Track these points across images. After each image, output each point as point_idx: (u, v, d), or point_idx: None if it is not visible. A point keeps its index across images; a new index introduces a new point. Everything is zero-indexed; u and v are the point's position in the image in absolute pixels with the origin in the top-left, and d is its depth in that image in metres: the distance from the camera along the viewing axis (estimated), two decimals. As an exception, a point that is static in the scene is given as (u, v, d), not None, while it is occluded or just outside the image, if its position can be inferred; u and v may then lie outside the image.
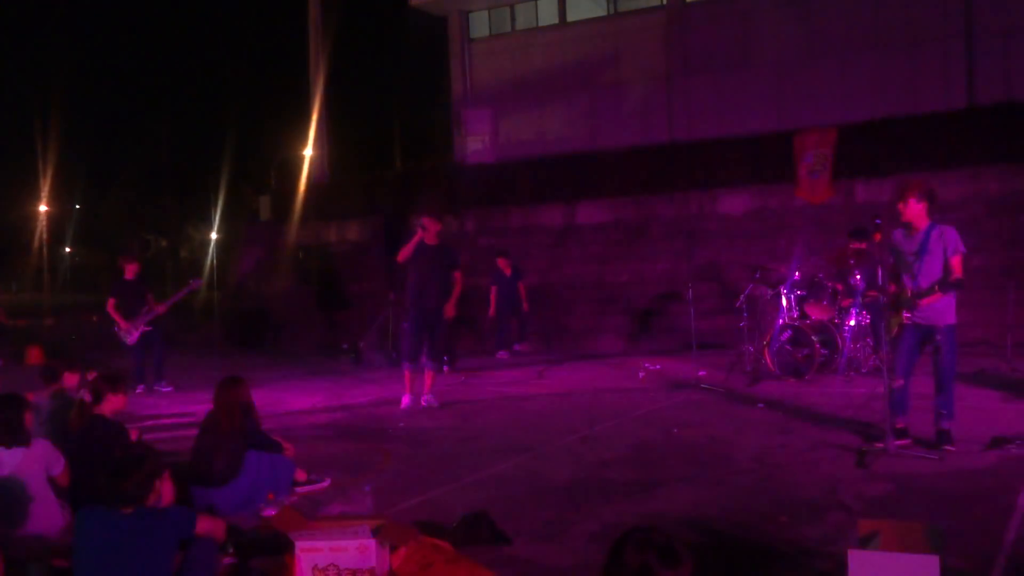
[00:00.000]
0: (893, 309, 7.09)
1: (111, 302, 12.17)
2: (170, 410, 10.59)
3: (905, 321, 6.97)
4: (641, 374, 11.62)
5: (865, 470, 6.47)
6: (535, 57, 23.89)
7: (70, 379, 7.33)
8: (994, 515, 5.31)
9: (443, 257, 9.86)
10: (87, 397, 6.32)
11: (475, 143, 23.52)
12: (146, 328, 12.06)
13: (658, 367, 11.92)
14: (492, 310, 15.09)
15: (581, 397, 10.35)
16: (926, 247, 6.93)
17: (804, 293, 11.24)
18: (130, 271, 12.31)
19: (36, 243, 52.78)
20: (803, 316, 11.14)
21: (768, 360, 11.16)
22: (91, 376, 6.85)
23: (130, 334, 12.00)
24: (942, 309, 6.92)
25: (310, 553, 4.59)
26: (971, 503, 5.61)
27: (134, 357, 12.25)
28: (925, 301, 6.84)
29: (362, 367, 14.11)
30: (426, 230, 9.72)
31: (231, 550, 4.90)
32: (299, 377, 13.22)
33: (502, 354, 14.76)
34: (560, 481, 6.57)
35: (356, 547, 4.56)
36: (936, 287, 6.77)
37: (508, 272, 15.17)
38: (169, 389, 12.09)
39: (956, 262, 6.88)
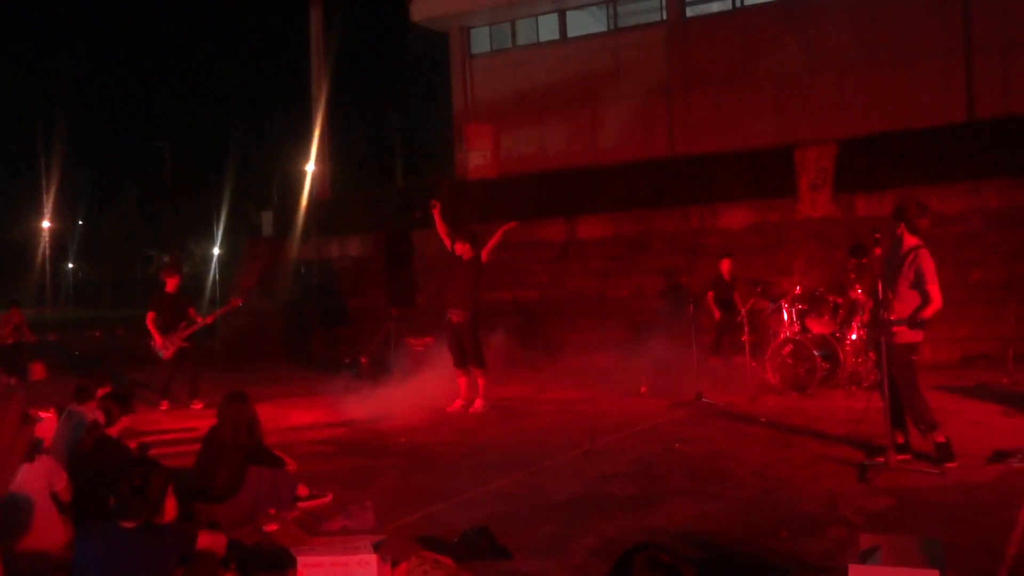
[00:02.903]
0: (872, 329, 7.13)
1: (150, 315, 12.05)
2: (173, 425, 10.59)
3: (881, 340, 6.98)
4: (642, 389, 11.61)
5: (866, 484, 6.48)
6: (536, 73, 23.98)
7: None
8: (995, 529, 5.31)
9: (471, 268, 10.64)
10: (100, 417, 6.35)
11: (476, 158, 23.58)
12: (183, 344, 12.00)
13: (659, 381, 11.91)
14: (717, 314, 13.87)
15: (582, 412, 10.35)
16: (901, 269, 6.98)
17: (805, 307, 11.26)
18: (171, 284, 12.23)
19: (39, 259, 52.91)
20: (804, 330, 11.15)
21: (770, 374, 11.16)
22: (101, 394, 6.88)
23: (166, 348, 11.96)
24: (895, 330, 6.94)
25: (312, 568, 4.60)
26: (972, 517, 5.61)
27: (166, 372, 12.20)
28: (895, 328, 6.88)
29: (364, 382, 14.10)
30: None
31: (232, 565, 4.91)
32: (300, 392, 13.21)
33: (715, 360, 13.33)
34: (561, 496, 6.57)
35: (357, 562, 4.57)
36: (908, 318, 6.84)
37: (728, 277, 14.04)
38: (200, 406, 11.77)
39: (934, 291, 6.87)
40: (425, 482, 7.25)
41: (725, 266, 14.08)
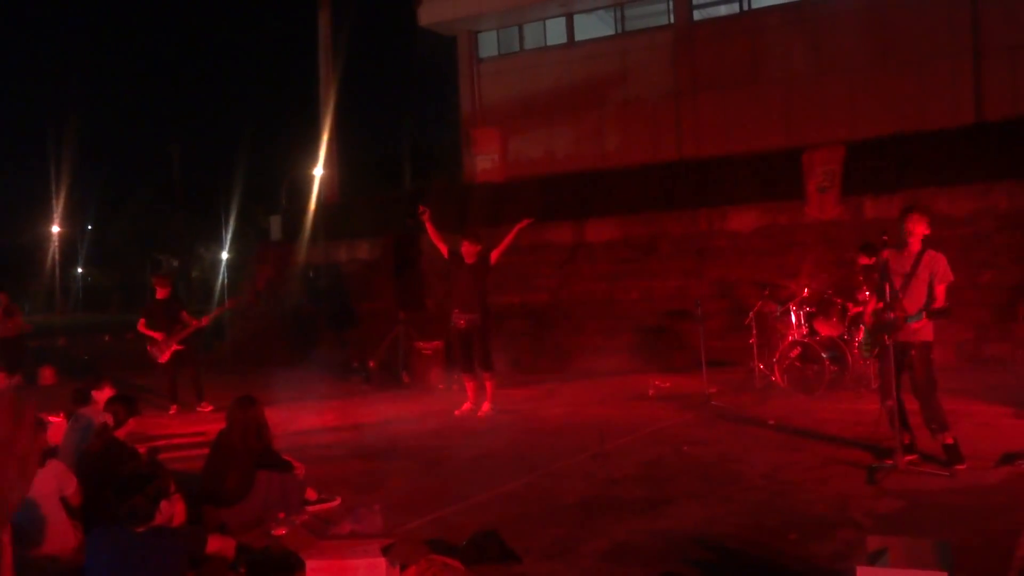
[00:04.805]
0: (876, 332, 7.10)
1: (141, 321, 12.23)
2: (182, 429, 10.62)
3: (886, 342, 6.94)
4: (651, 392, 11.61)
5: (875, 487, 6.47)
6: (544, 76, 23.99)
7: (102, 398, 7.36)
8: (1004, 531, 5.30)
9: (477, 271, 10.54)
10: (108, 420, 6.38)
11: (484, 162, 23.57)
12: (178, 347, 12.05)
13: (668, 384, 11.91)
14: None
15: (591, 415, 10.35)
16: (915, 271, 6.97)
17: (813, 310, 11.24)
18: (161, 291, 12.34)
19: (48, 264, 53.21)
20: (812, 332, 11.14)
21: (778, 377, 11.15)
22: (103, 397, 6.91)
23: (161, 353, 12.04)
24: (917, 328, 6.94)
25: (320, 572, 4.62)
26: (981, 519, 5.60)
27: (167, 376, 12.26)
28: (914, 325, 6.87)
29: (372, 386, 14.13)
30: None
31: (242, 569, 4.92)
32: (309, 396, 13.23)
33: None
34: (570, 499, 6.57)
35: (366, 566, 4.59)
36: (923, 313, 6.83)
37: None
38: (209, 409, 11.83)
39: (941, 291, 6.91)
40: (434, 486, 7.26)
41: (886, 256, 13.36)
